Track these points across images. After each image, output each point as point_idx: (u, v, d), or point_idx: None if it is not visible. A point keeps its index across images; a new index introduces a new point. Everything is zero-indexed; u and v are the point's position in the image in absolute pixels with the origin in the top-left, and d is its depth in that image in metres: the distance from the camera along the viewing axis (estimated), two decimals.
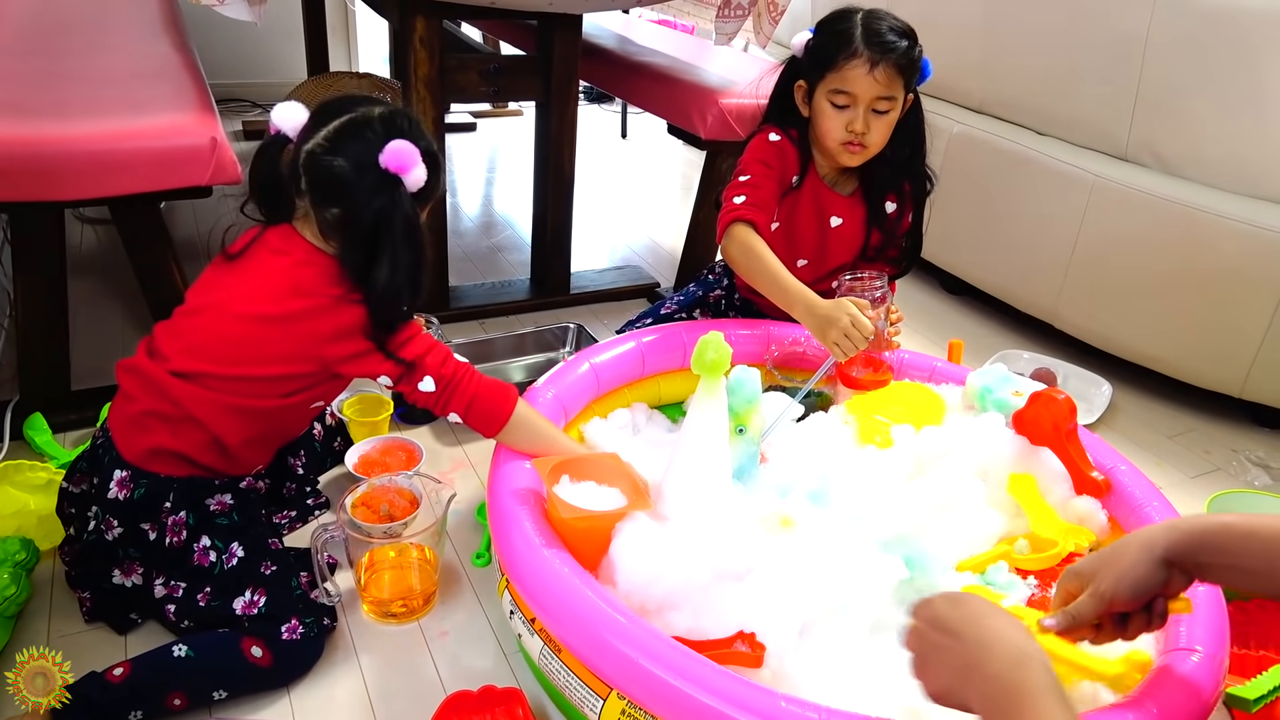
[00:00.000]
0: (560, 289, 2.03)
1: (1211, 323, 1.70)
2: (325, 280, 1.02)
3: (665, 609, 0.95)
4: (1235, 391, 1.73)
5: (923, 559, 1.08)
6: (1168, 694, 0.84)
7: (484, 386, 1.08)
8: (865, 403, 1.34)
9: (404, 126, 1.02)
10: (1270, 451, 1.69)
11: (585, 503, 1.01)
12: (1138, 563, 0.79)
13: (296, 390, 1.05)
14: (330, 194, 1.00)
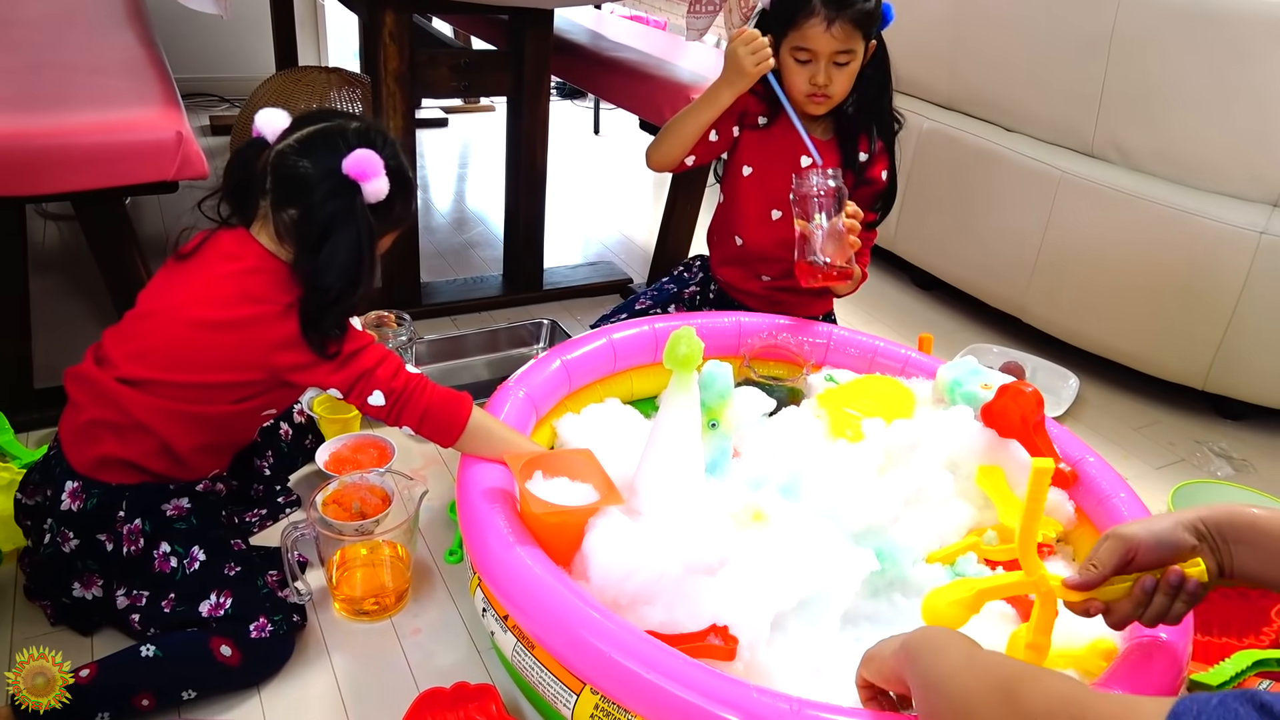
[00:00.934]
0: (533, 285, 2.03)
1: (1175, 316, 1.73)
2: (276, 287, 1.00)
3: (638, 603, 0.95)
4: (1198, 384, 1.76)
5: (893, 551, 1.09)
6: (1131, 680, 0.85)
7: (437, 398, 1.06)
8: (836, 397, 1.35)
9: (377, 142, 1.01)
10: (1232, 443, 1.73)
11: (557, 498, 1.01)
12: (1166, 520, 0.81)
13: (247, 397, 1.04)
14: (290, 194, 1.00)
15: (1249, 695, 0.43)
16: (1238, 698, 0.43)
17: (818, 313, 1.62)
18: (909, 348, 1.51)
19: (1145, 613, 0.81)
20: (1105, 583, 0.82)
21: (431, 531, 1.27)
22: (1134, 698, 0.48)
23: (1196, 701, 0.44)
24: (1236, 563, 0.78)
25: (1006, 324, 2.07)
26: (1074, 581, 0.83)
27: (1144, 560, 0.81)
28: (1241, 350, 1.68)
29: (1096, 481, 1.19)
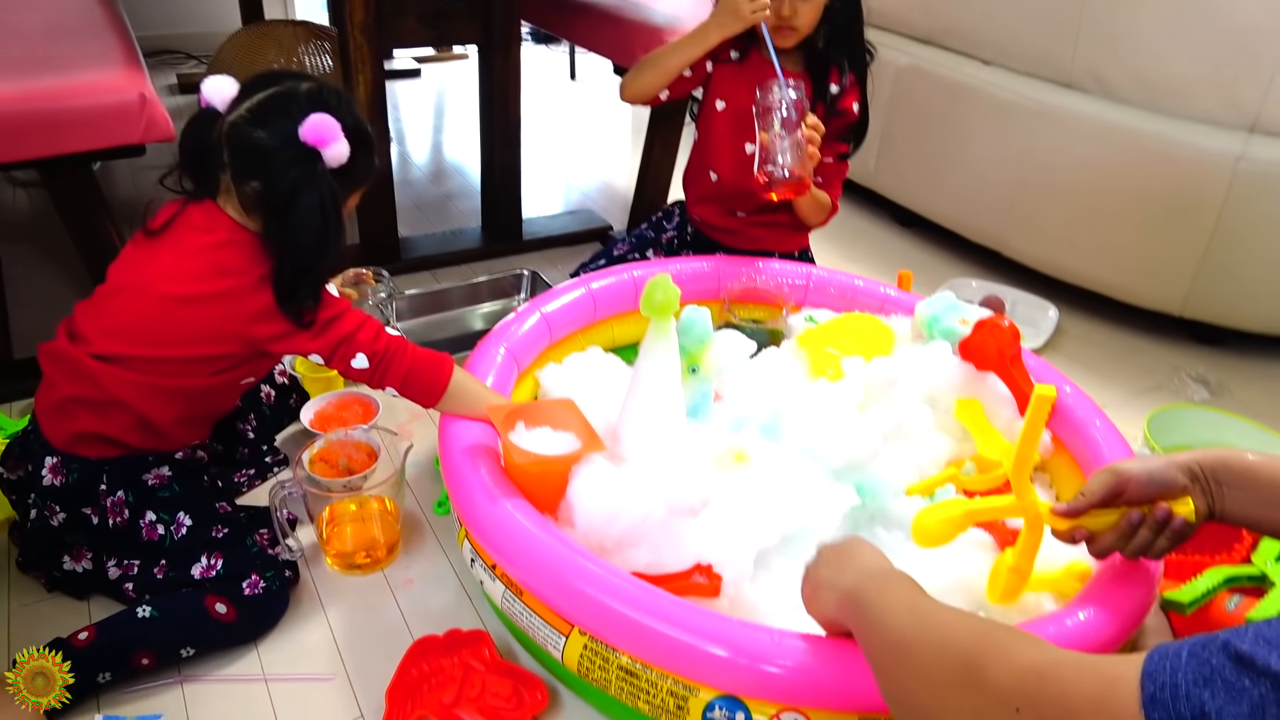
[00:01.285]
0: (512, 235, 2.02)
1: (1152, 244, 1.74)
2: (249, 259, 0.99)
3: (624, 546, 0.97)
4: (1175, 310, 1.77)
5: (874, 486, 1.11)
6: (1104, 600, 0.88)
7: (419, 359, 1.06)
8: (816, 337, 1.36)
9: (331, 103, 0.99)
10: (1209, 367, 1.75)
11: (540, 448, 1.02)
12: (1161, 459, 0.82)
13: (225, 369, 1.03)
14: (250, 166, 0.98)
15: (1221, 643, 0.42)
16: (1208, 646, 0.42)
17: (794, 248, 1.63)
18: (888, 285, 1.51)
19: (1129, 545, 0.84)
20: (1092, 513, 0.84)
21: (419, 484, 1.29)
22: (1105, 660, 0.46)
23: (1167, 658, 0.43)
24: (1228, 506, 0.80)
25: (986, 258, 2.07)
26: (1062, 508, 0.86)
27: (1134, 495, 0.83)
28: (1218, 276, 1.70)
29: (1073, 411, 1.21)
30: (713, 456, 1.09)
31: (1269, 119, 1.59)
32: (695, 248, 1.63)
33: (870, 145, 2.22)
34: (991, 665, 0.52)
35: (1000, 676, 0.51)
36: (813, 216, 1.53)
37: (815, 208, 1.50)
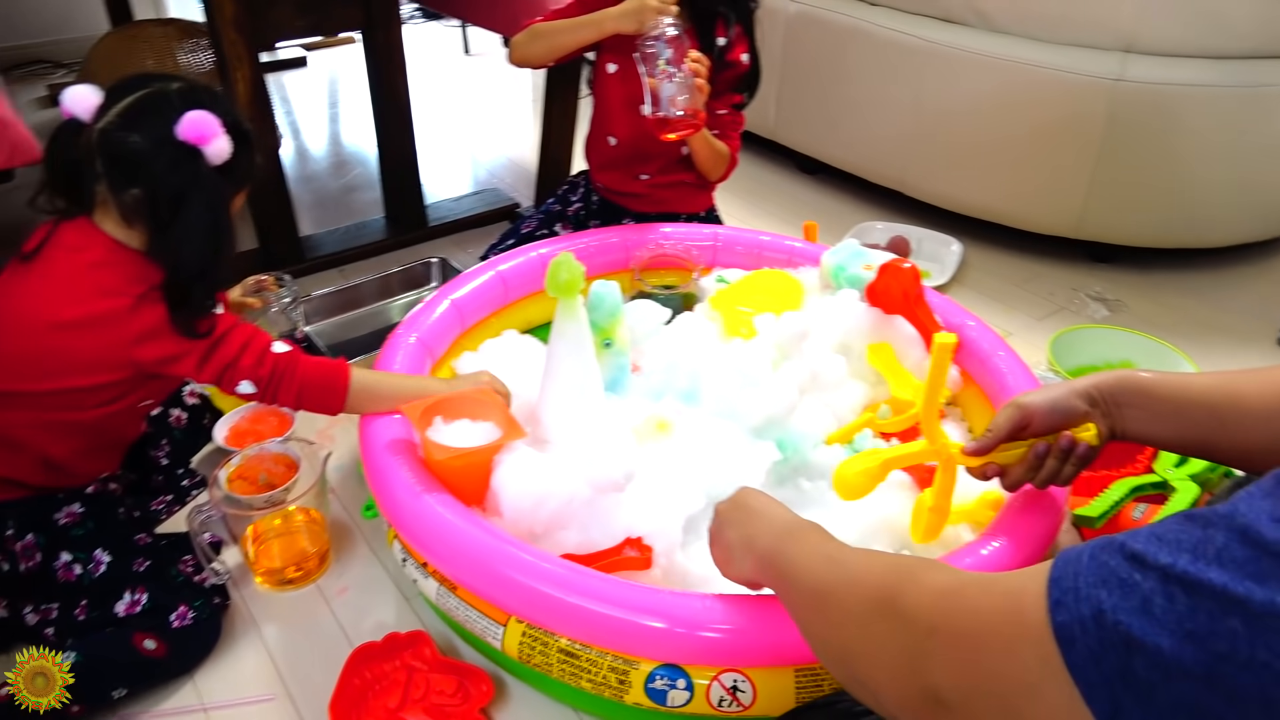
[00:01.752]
0: (418, 223, 1.98)
1: (1044, 170, 1.78)
2: (127, 277, 0.95)
3: (553, 530, 0.97)
4: (1071, 233, 1.83)
5: (794, 439, 1.12)
6: (1016, 523, 0.91)
7: (311, 374, 1.02)
8: (728, 297, 1.37)
9: (205, 100, 0.95)
10: (1107, 285, 1.81)
11: (459, 441, 1.01)
12: (1059, 387, 0.85)
13: (116, 397, 0.99)
14: (127, 173, 0.93)
15: (1118, 545, 0.43)
16: (1106, 548, 0.44)
17: (700, 208, 1.63)
18: (793, 239, 1.53)
19: (1038, 475, 0.87)
20: (1001, 448, 0.87)
21: (345, 489, 1.27)
22: (1013, 574, 0.48)
23: (1069, 563, 0.44)
24: (1128, 425, 0.83)
25: (890, 199, 2.10)
26: (972, 447, 0.89)
27: (1039, 427, 0.86)
28: (1107, 196, 1.75)
29: (978, 344, 1.25)
30: (634, 429, 1.10)
31: (1142, 38, 1.64)
32: (603, 216, 1.63)
33: (768, 95, 2.22)
34: (904, 594, 0.54)
35: (913, 603, 0.52)
36: (713, 169, 1.53)
37: (715, 159, 1.50)
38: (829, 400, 1.20)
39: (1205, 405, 0.75)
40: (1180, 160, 1.70)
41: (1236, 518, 0.40)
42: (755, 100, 1.56)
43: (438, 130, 2.61)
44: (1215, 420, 0.74)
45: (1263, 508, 0.39)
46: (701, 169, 1.53)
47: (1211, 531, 0.40)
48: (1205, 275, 1.84)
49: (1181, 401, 0.77)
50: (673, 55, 1.29)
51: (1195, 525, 0.41)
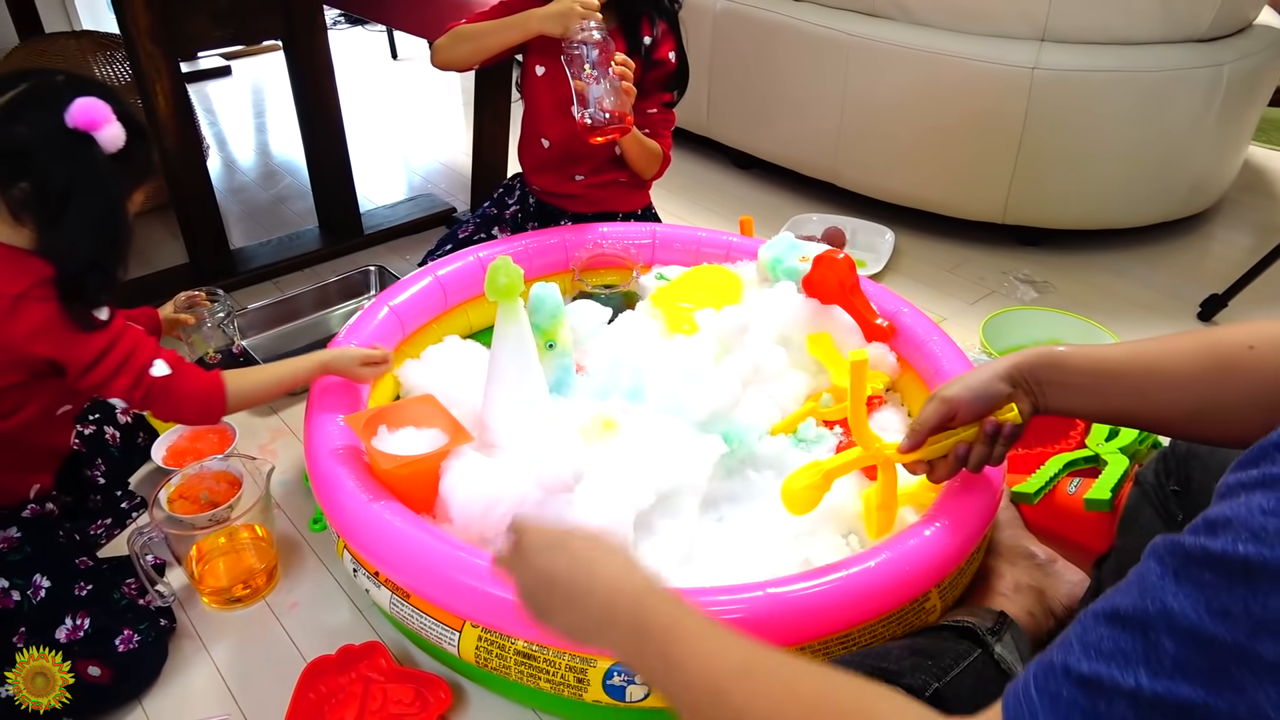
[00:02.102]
0: (352, 231, 1.96)
1: (970, 158, 1.84)
2: (11, 275, 0.91)
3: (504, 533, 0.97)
4: (999, 218, 1.89)
5: (739, 432, 1.14)
6: (957, 504, 0.94)
7: (186, 396, 1.01)
8: (668, 294, 1.38)
9: (94, 90, 0.92)
10: (1035, 268, 1.87)
11: (406, 449, 1.00)
12: (980, 373, 0.87)
13: (20, 404, 0.96)
14: (14, 166, 0.90)
15: (1060, 670, 0.41)
16: (1048, 676, 0.41)
17: (637, 206, 1.64)
18: (730, 234, 1.55)
19: (969, 463, 0.89)
20: (930, 440, 0.89)
21: (291, 503, 1.25)
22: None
23: (1021, 703, 0.41)
24: (1049, 401, 0.85)
25: (823, 191, 2.14)
26: (904, 446, 0.91)
27: (965, 416, 0.88)
28: (1031, 180, 1.81)
29: (912, 330, 1.28)
30: (580, 429, 1.10)
31: (1055, 27, 1.70)
32: (540, 218, 1.63)
33: (699, 92, 2.25)
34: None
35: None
36: (646, 167, 1.54)
37: (647, 157, 1.52)
38: (772, 391, 1.22)
39: (1123, 376, 0.77)
40: (1097, 144, 1.76)
41: (1175, 618, 0.39)
42: (687, 97, 1.57)
43: (369, 137, 2.58)
44: (1134, 390, 0.77)
45: (1191, 600, 0.38)
46: (635, 168, 1.54)
47: (1155, 637, 0.39)
48: (1127, 254, 1.91)
49: (1100, 374, 0.79)
50: (599, 58, 1.30)
51: (1131, 632, 0.40)
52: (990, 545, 1.06)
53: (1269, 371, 0.68)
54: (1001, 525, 1.09)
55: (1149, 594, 0.40)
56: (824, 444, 1.18)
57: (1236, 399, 0.70)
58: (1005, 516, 1.11)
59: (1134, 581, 0.42)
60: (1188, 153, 1.82)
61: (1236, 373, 0.70)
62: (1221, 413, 0.71)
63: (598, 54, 1.29)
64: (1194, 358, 0.73)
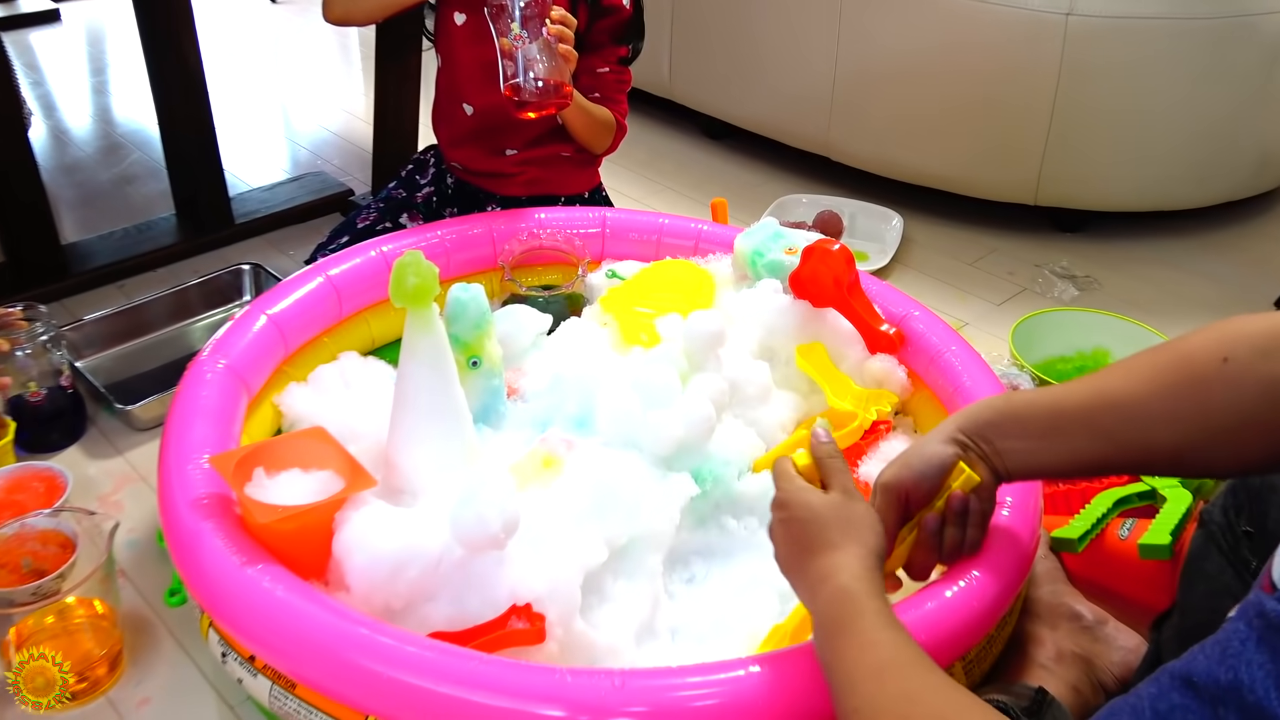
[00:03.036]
0: (220, 221, 1.94)
1: (993, 126, 1.87)
2: None
3: (417, 603, 0.96)
4: (1029, 199, 1.92)
5: (714, 469, 1.14)
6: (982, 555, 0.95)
7: None
8: (623, 296, 1.39)
9: None
10: (1075, 259, 1.91)
11: (290, 497, 0.99)
12: (926, 448, 0.87)
13: None
14: None
15: (1181, 680, 0.45)
16: (1163, 697, 0.45)
17: (583, 188, 1.64)
18: (699, 221, 1.56)
19: (943, 553, 0.91)
20: (899, 540, 0.91)
21: (141, 571, 1.23)
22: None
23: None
24: (1009, 462, 0.86)
25: (814, 166, 2.17)
26: None
27: (920, 497, 0.90)
28: (1068, 152, 1.85)
29: (926, 337, 1.29)
30: (513, 468, 1.09)
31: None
32: (460, 203, 1.62)
33: (659, 46, 2.26)
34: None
35: None
36: (595, 140, 1.55)
37: (596, 129, 1.52)
38: (754, 417, 1.23)
39: (1084, 418, 0.79)
40: (1146, 107, 1.81)
41: (1245, 692, 0.41)
42: (646, 52, 1.58)
43: (241, 100, 2.56)
44: (1100, 433, 0.79)
45: (1264, 671, 0.40)
46: (582, 140, 1.54)
47: (1224, 714, 0.41)
48: (1185, 241, 1.96)
49: (1057, 419, 0.81)
50: (529, 12, 1.30)
51: (1202, 703, 0.42)
52: (1026, 605, 1.07)
53: (1251, 384, 0.70)
54: (1039, 580, 1.10)
55: (1227, 660, 0.42)
56: None
57: (1223, 422, 0.72)
58: (1043, 569, 1.12)
59: (1218, 641, 0.44)
60: (1255, 117, 1.87)
61: (1214, 392, 0.71)
62: (1208, 441, 0.73)
63: (526, 5, 1.29)
64: (1162, 383, 0.75)
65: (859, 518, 0.82)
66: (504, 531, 0.97)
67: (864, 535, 0.81)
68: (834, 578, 0.77)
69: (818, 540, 0.81)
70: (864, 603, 0.74)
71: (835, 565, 0.78)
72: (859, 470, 1.18)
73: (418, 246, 1.39)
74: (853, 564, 0.78)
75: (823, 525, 0.81)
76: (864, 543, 0.80)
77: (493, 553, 0.98)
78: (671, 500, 1.09)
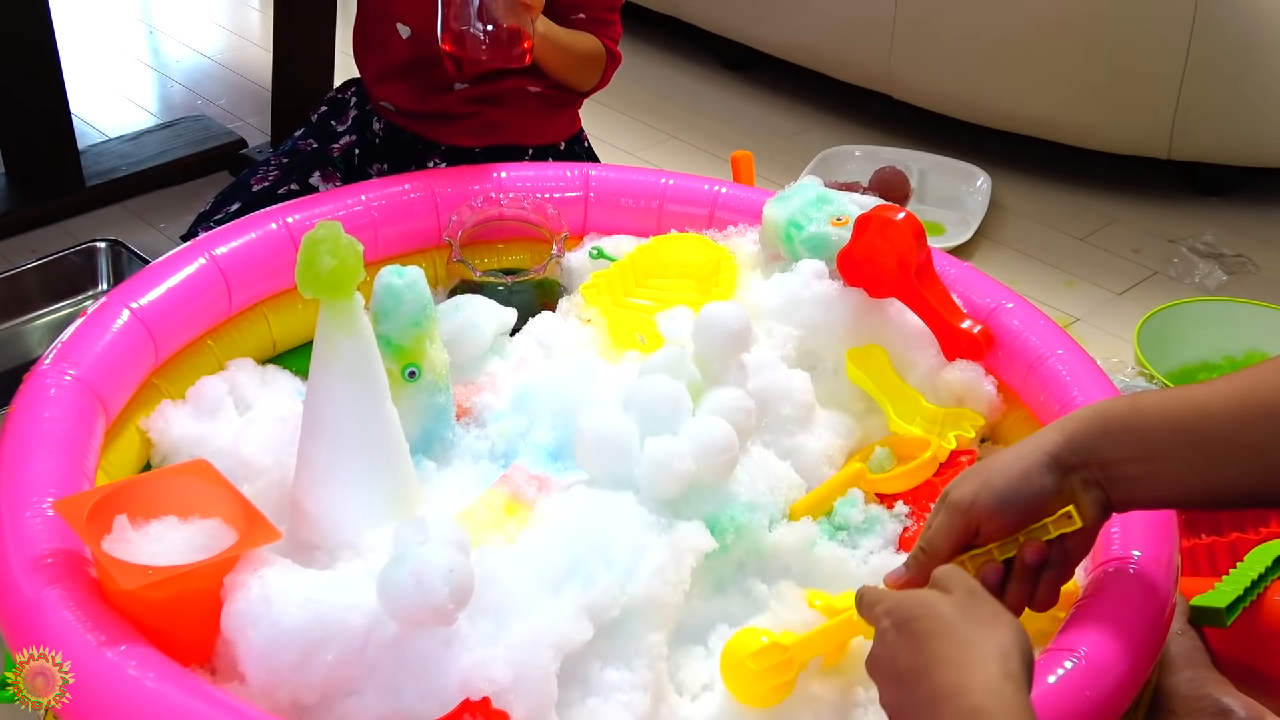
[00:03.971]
0: (68, 183, 1.96)
1: (1111, 52, 1.88)
2: None
3: (336, 697, 0.96)
4: (1160, 152, 1.93)
5: (736, 515, 1.15)
6: (1093, 626, 0.96)
7: None
8: (612, 283, 1.39)
9: None
10: (1221, 232, 1.92)
11: (165, 555, 1.00)
12: (1014, 459, 0.89)
13: None
14: None
15: None
16: None
17: (558, 136, 1.66)
18: (715, 181, 1.56)
19: (1034, 599, 0.93)
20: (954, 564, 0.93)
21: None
22: None
23: None
24: (1130, 490, 0.88)
25: (870, 106, 2.18)
26: (894, 576, 0.95)
27: (993, 530, 0.92)
28: (1212, 89, 1.85)
29: (1023, 336, 1.30)
30: (462, 515, 1.10)
31: None
32: (391, 157, 1.63)
33: None
34: None
35: None
36: (579, 75, 1.56)
37: (577, 62, 1.54)
38: (790, 446, 1.23)
39: (1228, 432, 0.81)
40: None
41: None
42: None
43: (92, 20, 2.57)
44: (1249, 451, 0.80)
45: None
46: (560, 76, 1.55)
47: None
48: None
49: (1193, 434, 0.83)
50: None
51: None
52: (1157, 698, 1.08)
53: None
54: (1175, 664, 1.11)
55: None
56: (877, 534, 1.19)
57: None
58: (1181, 649, 1.12)
59: None
60: None
61: None
62: None
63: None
64: None
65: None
66: (452, 601, 0.97)
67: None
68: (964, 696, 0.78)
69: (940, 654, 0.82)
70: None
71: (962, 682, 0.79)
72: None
73: (334, 216, 1.40)
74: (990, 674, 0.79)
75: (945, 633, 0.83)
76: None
77: (438, 629, 0.98)
78: (679, 558, 1.09)
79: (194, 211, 1.65)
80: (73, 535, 1.03)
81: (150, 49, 2.50)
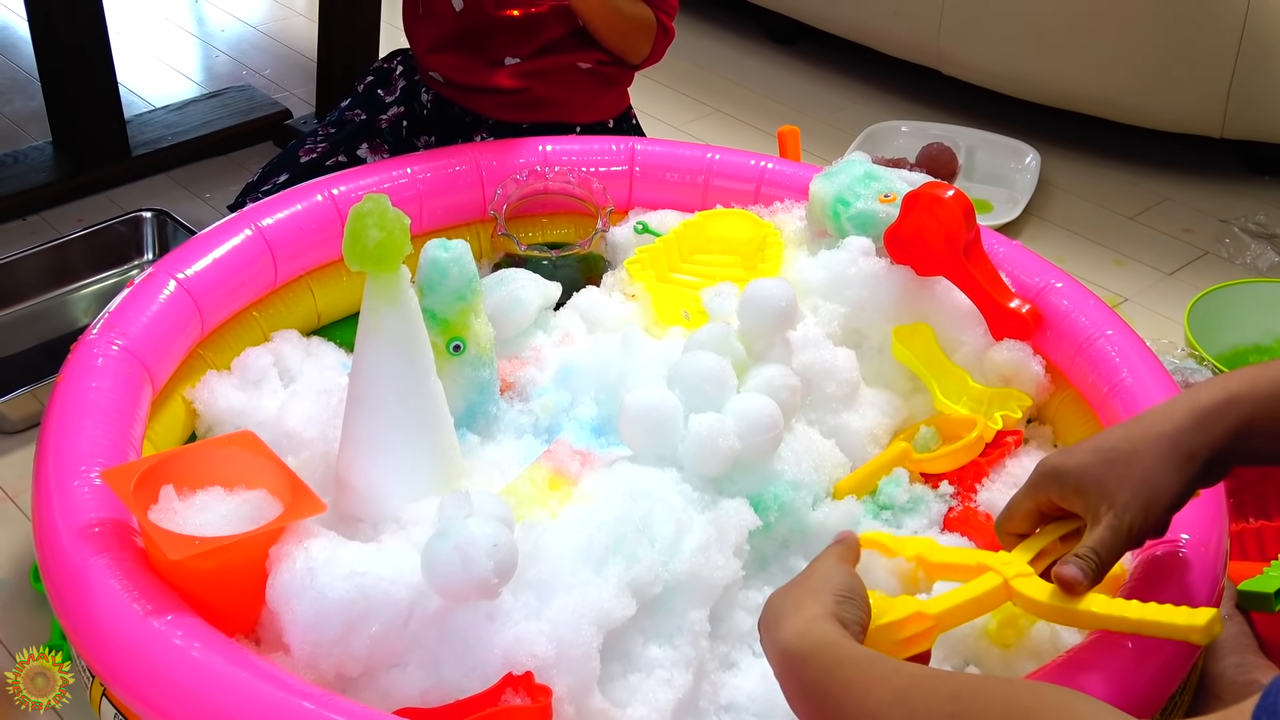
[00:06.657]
0: (114, 151, 1.96)
1: (1164, 27, 1.86)
2: None
3: (378, 670, 0.97)
4: (1214, 131, 1.91)
5: (780, 493, 1.15)
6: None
7: None
8: (657, 258, 1.39)
9: None
10: (1274, 212, 1.90)
11: (211, 526, 1.00)
12: (1137, 443, 0.88)
13: None
14: None
15: None
16: None
17: (607, 114, 1.65)
18: (762, 156, 1.56)
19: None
20: (1043, 533, 0.94)
21: (10, 619, 1.25)
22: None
23: None
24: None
25: (919, 82, 2.16)
26: (1073, 576, 0.93)
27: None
28: (1269, 65, 1.83)
29: (1072, 317, 1.29)
30: (507, 490, 1.10)
31: None
32: (439, 129, 1.63)
33: None
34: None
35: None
36: (625, 42, 1.55)
37: (624, 25, 1.53)
38: (835, 425, 1.23)
39: None
40: None
41: None
42: None
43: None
44: None
45: None
46: (607, 45, 1.54)
47: None
48: None
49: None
50: None
51: None
52: (1203, 683, 1.07)
53: None
54: (1222, 648, 1.10)
55: None
56: (921, 513, 1.19)
57: None
58: (1228, 633, 1.12)
59: None
60: None
61: None
62: None
63: None
64: None
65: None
66: (495, 575, 0.98)
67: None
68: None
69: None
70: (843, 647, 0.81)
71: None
72: (977, 499, 1.19)
73: (380, 189, 1.40)
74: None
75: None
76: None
77: (481, 604, 0.99)
78: (723, 536, 1.09)
79: (239, 182, 1.66)
80: (120, 505, 1.04)
81: (195, 18, 2.51)
